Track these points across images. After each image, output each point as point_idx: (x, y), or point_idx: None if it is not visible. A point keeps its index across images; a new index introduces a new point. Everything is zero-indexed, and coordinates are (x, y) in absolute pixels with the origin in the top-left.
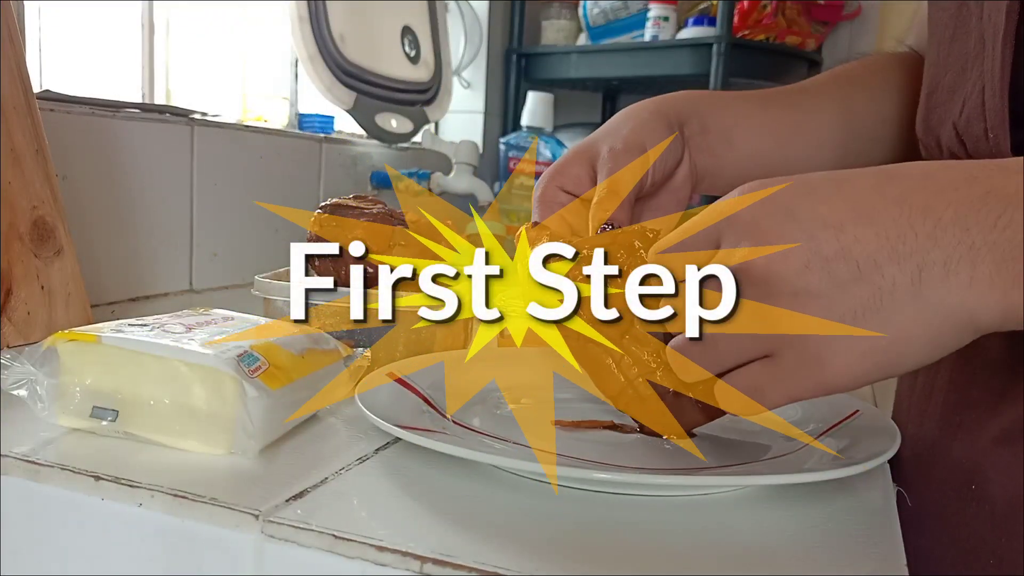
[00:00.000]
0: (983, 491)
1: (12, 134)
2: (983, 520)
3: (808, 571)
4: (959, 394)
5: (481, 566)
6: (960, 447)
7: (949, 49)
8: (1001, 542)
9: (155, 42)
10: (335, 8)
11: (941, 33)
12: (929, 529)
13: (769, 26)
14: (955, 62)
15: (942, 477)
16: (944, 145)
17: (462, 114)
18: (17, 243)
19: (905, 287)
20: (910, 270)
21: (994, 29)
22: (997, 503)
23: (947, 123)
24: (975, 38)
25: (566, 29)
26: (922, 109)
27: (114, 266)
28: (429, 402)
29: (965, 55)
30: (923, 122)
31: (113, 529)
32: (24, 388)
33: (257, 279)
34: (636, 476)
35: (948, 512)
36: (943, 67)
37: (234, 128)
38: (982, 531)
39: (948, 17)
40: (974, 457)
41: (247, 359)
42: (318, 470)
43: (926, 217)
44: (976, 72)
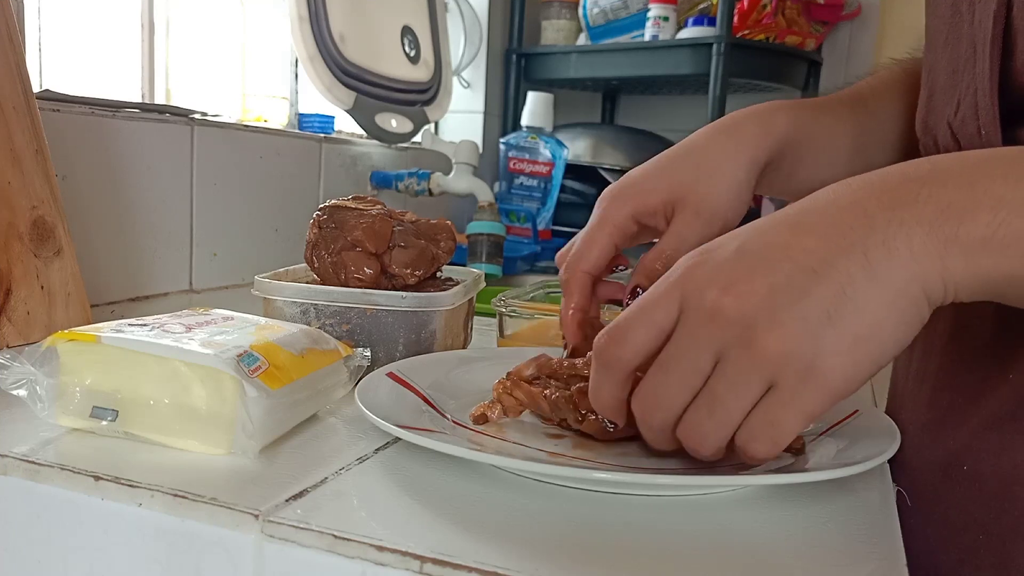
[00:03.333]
0: (975, 471)
1: (12, 134)
2: (973, 499)
3: (808, 571)
4: (949, 378)
5: (481, 566)
6: (951, 430)
7: (943, 52)
8: (991, 518)
9: (155, 42)
10: (335, 8)
11: (936, 38)
12: (918, 509)
13: (769, 26)
14: (948, 65)
15: (933, 458)
16: (940, 144)
17: (462, 114)
18: (17, 243)
19: (861, 275)
20: (858, 258)
21: (984, 33)
22: (988, 482)
23: (943, 123)
24: (967, 42)
25: (566, 29)
26: (921, 110)
27: (114, 266)
28: (429, 402)
29: (958, 58)
30: (922, 123)
31: (113, 529)
32: (24, 388)
33: (257, 279)
34: (636, 476)
35: (938, 492)
36: (939, 70)
37: (234, 128)
38: (972, 509)
39: (942, 23)
40: (964, 440)
41: (247, 359)
42: (318, 470)
43: (855, 210)
44: (969, 74)
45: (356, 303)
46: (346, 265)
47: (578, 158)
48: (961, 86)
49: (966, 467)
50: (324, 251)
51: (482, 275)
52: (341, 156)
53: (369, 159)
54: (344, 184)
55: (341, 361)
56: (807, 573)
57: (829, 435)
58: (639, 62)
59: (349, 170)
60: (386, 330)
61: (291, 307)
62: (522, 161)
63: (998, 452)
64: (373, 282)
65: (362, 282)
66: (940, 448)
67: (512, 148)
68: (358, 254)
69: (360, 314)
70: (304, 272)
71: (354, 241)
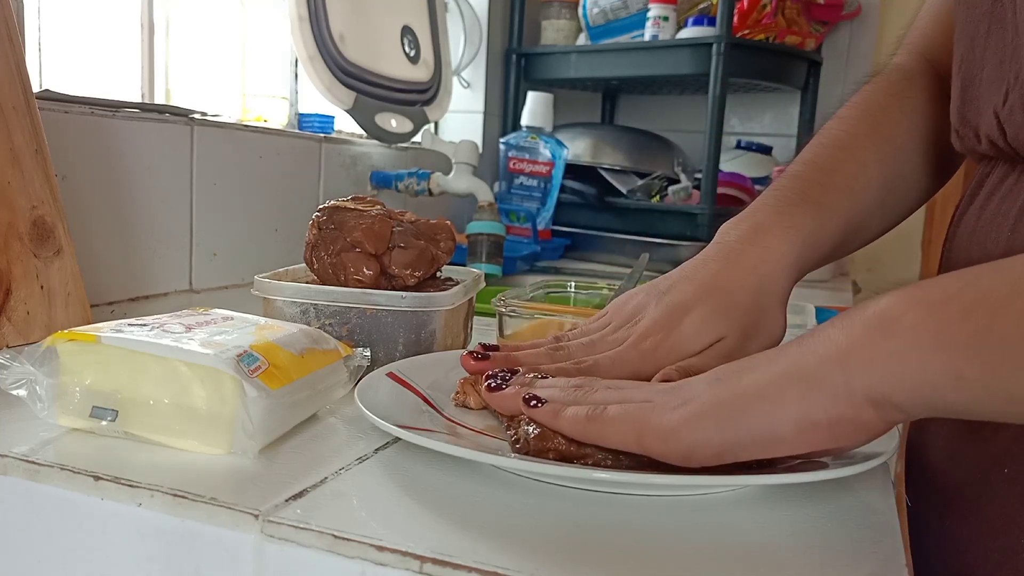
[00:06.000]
0: (1016, 473)
1: (12, 134)
2: (1014, 500)
3: (808, 571)
4: None
5: (481, 566)
6: (990, 433)
7: (985, 44)
8: None
9: (155, 42)
10: (335, 8)
11: (974, 30)
12: (955, 510)
13: (769, 26)
14: (993, 55)
15: (972, 461)
16: (983, 134)
17: (462, 114)
18: (17, 243)
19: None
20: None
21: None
22: None
23: (987, 113)
24: (1012, 30)
25: (566, 29)
26: (957, 102)
27: (114, 266)
28: (429, 402)
29: (1004, 47)
30: (958, 115)
31: (112, 529)
32: (24, 388)
33: (257, 279)
34: (636, 476)
35: (978, 494)
36: (979, 62)
37: (234, 128)
38: (1012, 511)
39: (981, 14)
40: (1005, 444)
41: (247, 359)
42: (318, 470)
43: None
44: (1016, 63)
45: (356, 303)
46: (345, 266)
47: (578, 158)
48: (1010, 75)
49: (1007, 470)
50: (324, 252)
51: (482, 275)
52: (341, 156)
53: (369, 159)
54: (344, 184)
55: (341, 361)
56: (807, 573)
57: None
58: (639, 62)
59: (349, 170)
60: (386, 330)
61: (291, 307)
62: (522, 161)
63: None
64: (373, 283)
65: (362, 283)
66: (979, 451)
67: (512, 148)
68: (358, 255)
69: (360, 314)
70: (304, 272)
71: (353, 242)
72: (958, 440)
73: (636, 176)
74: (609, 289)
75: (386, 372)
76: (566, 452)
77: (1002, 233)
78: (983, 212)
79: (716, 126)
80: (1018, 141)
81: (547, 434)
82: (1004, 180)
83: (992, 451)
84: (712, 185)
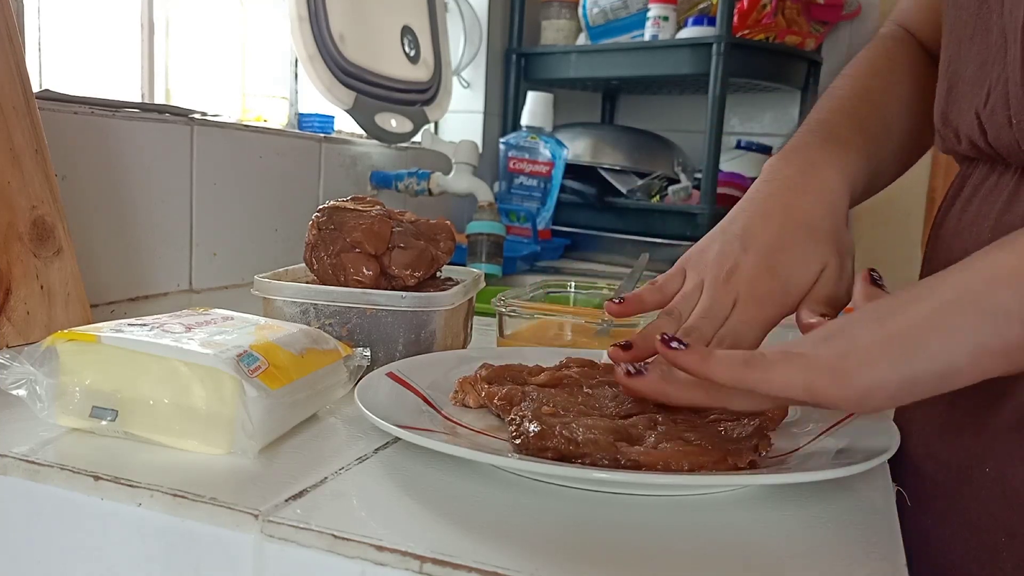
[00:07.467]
0: (999, 472)
1: (12, 134)
2: (996, 499)
3: (808, 571)
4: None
5: (481, 566)
6: (972, 431)
7: (970, 45)
8: (1016, 519)
9: (155, 42)
10: (335, 8)
11: (961, 31)
12: (932, 509)
13: (768, 26)
14: (977, 56)
15: (951, 459)
16: (963, 134)
17: (462, 114)
18: (17, 243)
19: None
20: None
21: (1015, 22)
22: (1010, 482)
23: (968, 113)
24: (997, 32)
25: (566, 29)
26: (940, 103)
27: (114, 266)
28: (429, 402)
29: (988, 49)
30: (941, 115)
31: (112, 529)
32: (23, 388)
33: (257, 279)
34: (636, 476)
35: (958, 492)
36: (964, 62)
37: (234, 128)
38: (994, 510)
39: (968, 15)
40: (987, 442)
41: (247, 359)
42: (318, 470)
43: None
44: (999, 64)
45: (356, 303)
46: (345, 267)
47: (578, 158)
48: (991, 77)
49: (988, 468)
50: (323, 253)
51: (482, 275)
52: (341, 156)
53: (369, 159)
54: (344, 184)
55: (341, 361)
56: (807, 573)
57: (829, 435)
58: (639, 62)
59: (349, 170)
60: (386, 330)
61: (291, 307)
62: (522, 161)
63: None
64: (373, 283)
65: (362, 284)
66: (960, 449)
67: (512, 148)
68: (357, 255)
69: (360, 314)
70: (304, 272)
71: (353, 242)
72: (939, 438)
73: (636, 176)
74: (609, 289)
75: (386, 372)
76: (566, 452)
77: (983, 232)
78: (965, 212)
79: (716, 126)
80: (999, 142)
81: (547, 432)
82: (985, 181)
83: (974, 450)
84: (712, 185)
